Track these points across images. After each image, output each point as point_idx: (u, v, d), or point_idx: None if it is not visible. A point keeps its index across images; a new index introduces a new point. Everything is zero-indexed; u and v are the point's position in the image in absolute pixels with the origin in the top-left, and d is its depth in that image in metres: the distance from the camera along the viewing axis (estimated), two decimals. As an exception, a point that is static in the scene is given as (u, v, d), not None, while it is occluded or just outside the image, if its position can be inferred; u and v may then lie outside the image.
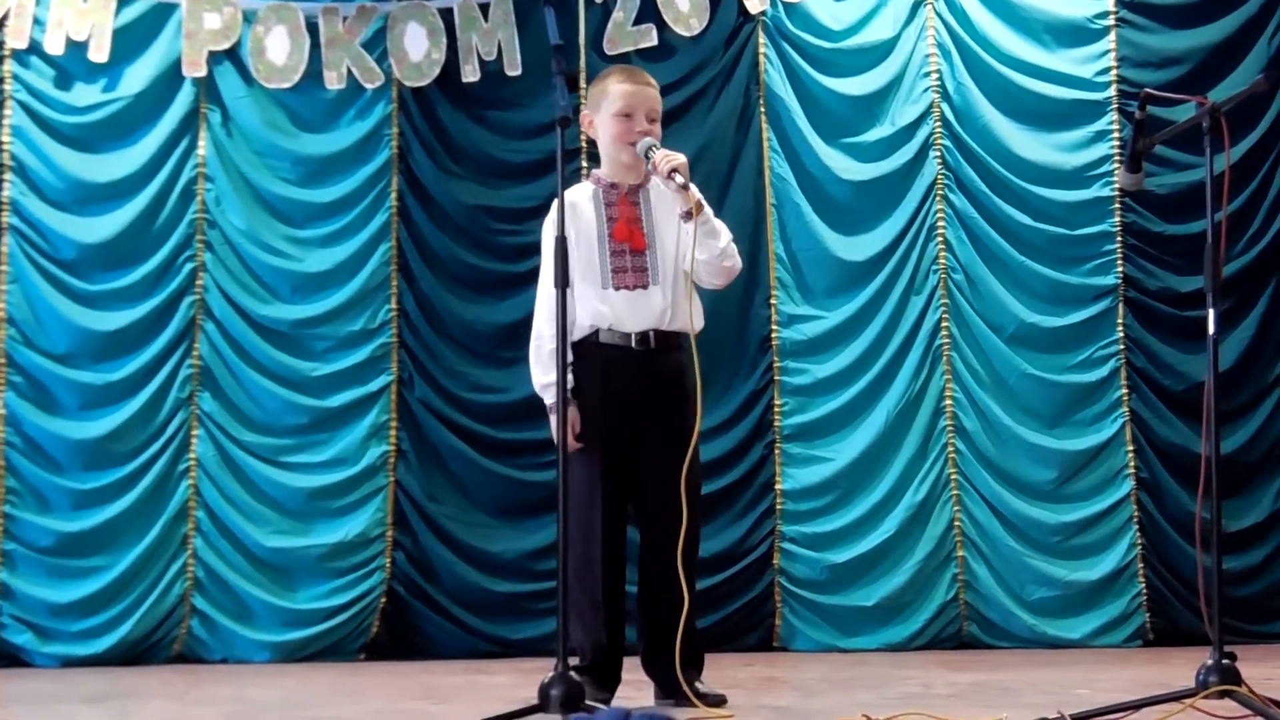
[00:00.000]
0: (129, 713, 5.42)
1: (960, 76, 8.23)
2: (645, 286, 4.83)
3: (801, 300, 8.22)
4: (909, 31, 8.30)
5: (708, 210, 4.78)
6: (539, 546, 7.98)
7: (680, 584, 4.59)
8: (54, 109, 8.11)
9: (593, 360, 4.81)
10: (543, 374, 4.80)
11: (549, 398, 4.79)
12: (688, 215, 4.71)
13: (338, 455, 8.10)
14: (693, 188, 4.70)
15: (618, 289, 4.83)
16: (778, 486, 8.10)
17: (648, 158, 4.75)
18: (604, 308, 4.82)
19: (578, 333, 4.81)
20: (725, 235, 4.84)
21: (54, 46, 8.06)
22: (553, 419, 4.71)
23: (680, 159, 4.69)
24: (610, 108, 4.90)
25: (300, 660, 7.86)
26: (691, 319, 4.85)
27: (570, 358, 4.76)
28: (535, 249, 8.10)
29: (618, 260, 4.84)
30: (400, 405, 8.17)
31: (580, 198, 4.95)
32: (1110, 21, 8.19)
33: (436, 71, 8.23)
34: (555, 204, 4.74)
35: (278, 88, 8.20)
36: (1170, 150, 7.89)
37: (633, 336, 4.82)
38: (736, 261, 4.91)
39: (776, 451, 8.13)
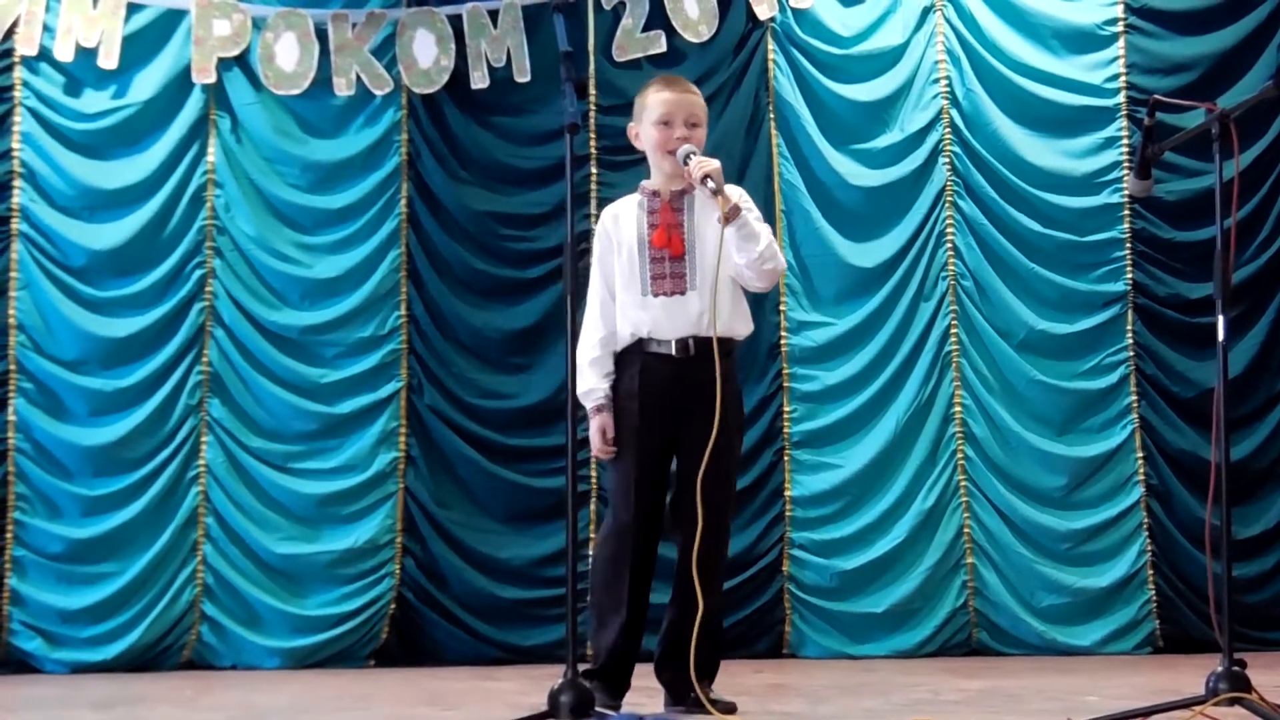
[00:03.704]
0: (138, 719, 5.43)
1: (969, 83, 8.23)
2: (683, 292, 4.83)
3: (811, 307, 8.22)
4: (918, 38, 8.30)
5: (747, 214, 4.76)
6: (548, 553, 7.98)
7: (709, 591, 4.61)
8: (64, 116, 8.12)
9: (632, 369, 4.83)
10: (582, 381, 4.82)
11: (588, 403, 4.83)
12: (725, 220, 4.72)
13: (347, 462, 8.10)
14: (730, 191, 4.71)
15: (656, 295, 4.84)
16: (787, 493, 8.09)
17: (686, 163, 4.76)
18: (644, 314, 4.83)
19: (619, 343, 4.86)
20: (765, 238, 4.81)
21: (64, 53, 8.07)
22: (591, 423, 4.85)
23: (713, 165, 4.68)
24: (650, 116, 4.91)
25: (309, 666, 7.85)
26: (714, 322, 4.80)
27: (610, 368, 4.85)
28: (544, 255, 8.24)
29: (657, 267, 4.85)
30: (409, 411, 8.17)
31: (624, 209, 4.98)
32: (1119, 28, 8.19)
33: (445, 78, 8.23)
34: (601, 218, 4.87)
35: (287, 94, 8.20)
36: (1179, 156, 7.88)
37: (673, 344, 4.82)
38: (779, 263, 4.90)
39: (786, 458, 8.12)
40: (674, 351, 4.81)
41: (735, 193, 4.78)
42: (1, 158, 8.07)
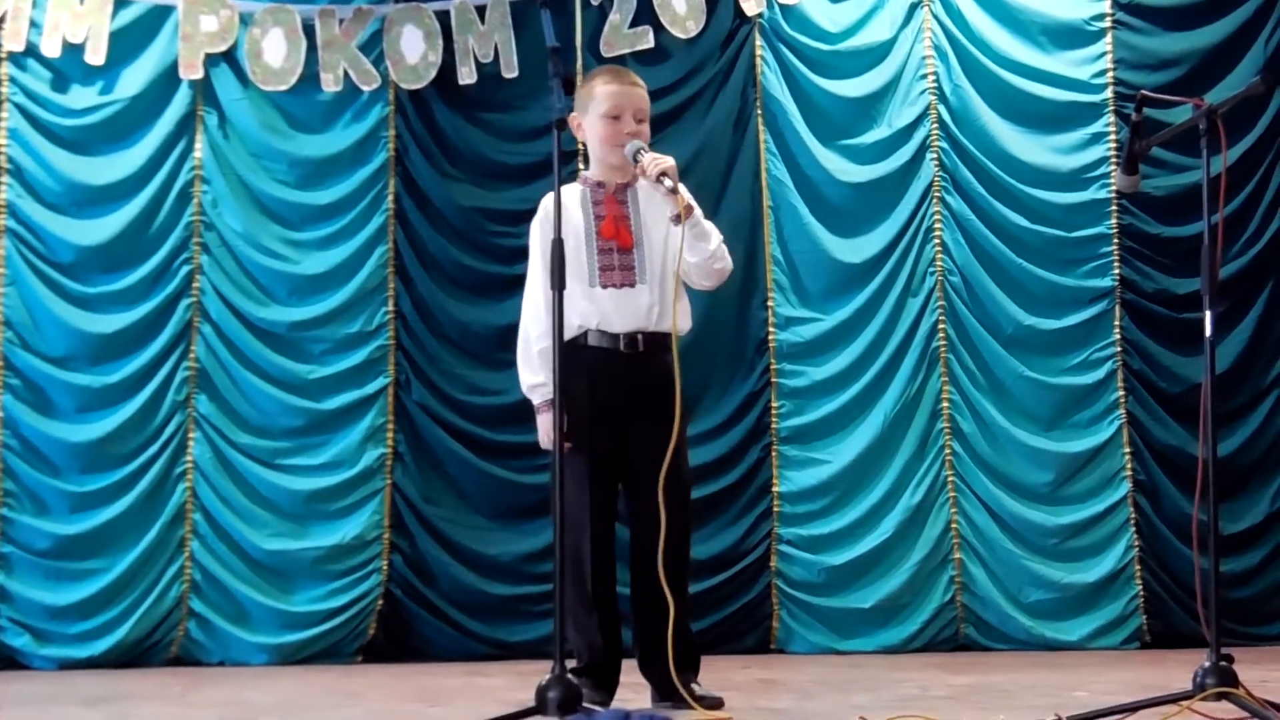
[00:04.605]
0: (126, 715, 5.42)
1: (957, 78, 8.23)
2: (632, 285, 4.81)
3: (798, 303, 8.21)
4: (906, 33, 8.30)
5: (698, 213, 4.75)
6: (535, 549, 7.97)
7: (676, 589, 4.59)
8: (51, 111, 8.10)
9: (580, 362, 4.77)
10: (530, 375, 4.81)
11: (536, 398, 4.81)
12: (677, 219, 4.69)
13: (334, 458, 8.08)
14: (682, 190, 4.67)
15: (605, 287, 4.81)
16: (775, 489, 8.09)
17: (636, 160, 4.73)
18: (591, 306, 4.80)
19: (566, 334, 4.81)
20: (715, 237, 4.81)
21: (51, 49, 8.04)
22: (539, 419, 4.77)
23: (669, 162, 4.65)
24: (597, 109, 4.88)
25: (297, 662, 7.84)
26: (675, 320, 4.79)
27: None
28: (532, 251, 8.15)
29: (605, 258, 4.83)
30: (397, 408, 8.16)
31: (567, 199, 4.93)
32: (1107, 23, 8.19)
33: (433, 74, 8.22)
34: (542, 205, 4.78)
35: (274, 90, 8.19)
36: (1167, 152, 7.89)
37: (620, 338, 4.80)
38: (727, 263, 4.89)
39: (773, 454, 8.12)
40: (622, 346, 4.80)
41: (683, 191, 4.77)
42: (-12, 154, 8.08)
